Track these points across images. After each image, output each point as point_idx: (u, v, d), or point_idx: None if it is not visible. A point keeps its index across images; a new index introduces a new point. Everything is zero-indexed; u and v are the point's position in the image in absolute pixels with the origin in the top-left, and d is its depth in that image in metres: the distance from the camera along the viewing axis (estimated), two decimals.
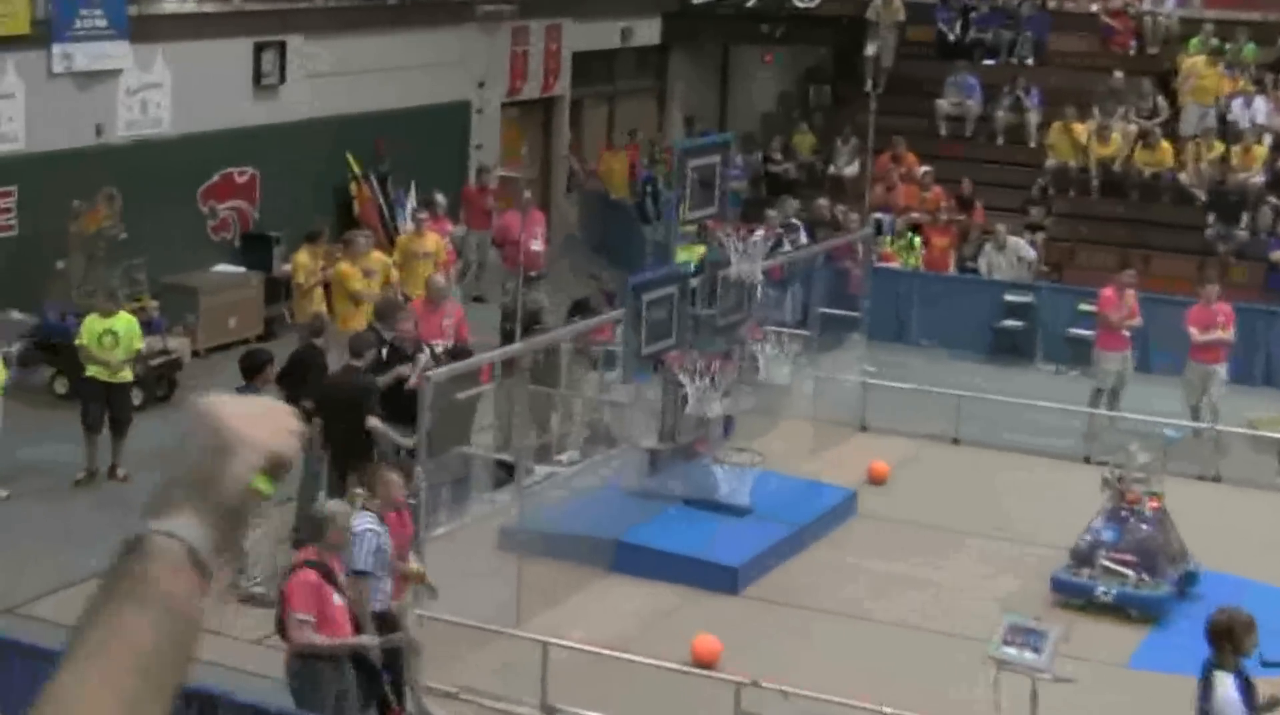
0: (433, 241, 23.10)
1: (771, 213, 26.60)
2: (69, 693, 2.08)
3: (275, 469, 2.31)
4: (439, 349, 18.05)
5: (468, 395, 17.94)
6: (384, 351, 17.20)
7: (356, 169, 26.33)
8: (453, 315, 19.24)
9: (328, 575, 11.77)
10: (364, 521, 12.69)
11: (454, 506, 16.97)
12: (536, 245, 25.24)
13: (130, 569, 2.17)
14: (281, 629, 11.98)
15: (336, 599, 11.79)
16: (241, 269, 24.40)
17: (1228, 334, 21.24)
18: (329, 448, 16.18)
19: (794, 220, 26.92)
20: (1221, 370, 21.19)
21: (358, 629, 12.11)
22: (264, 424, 2.31)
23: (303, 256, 21.88)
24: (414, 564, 13.50)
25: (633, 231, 28.63)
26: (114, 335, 18.52)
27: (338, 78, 25.92)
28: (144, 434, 18.76)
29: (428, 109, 27.96)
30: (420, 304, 19.48)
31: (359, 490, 14.24)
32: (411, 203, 25.85)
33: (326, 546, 11.90)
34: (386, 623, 12.68)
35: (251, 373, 16.22)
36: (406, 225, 25.05)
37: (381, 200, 26.39)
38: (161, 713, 2.13)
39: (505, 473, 17.31)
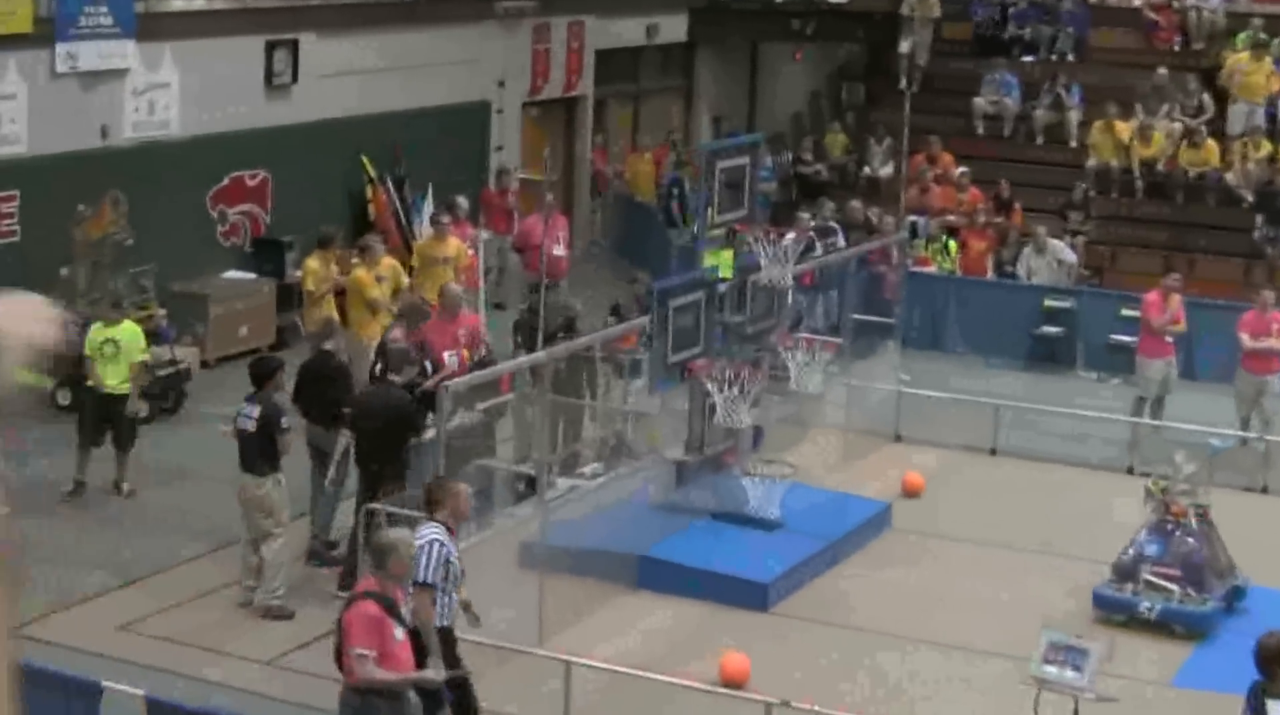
0: (453, 246, 23.10)
1: (805, 215, 26.62)
2: None
3: (39, 361, 2.36)
4: (452, 359, 18.06)
5: (487, 406, 17.96)
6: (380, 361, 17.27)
7: (372, 172, 26.37)
8: (468, 324, 19.22)
9: (390, 608, 11.62)
10: (430, 532, 12.54)
11: (473, 521, 16.95)
12: (559, 250, 25.20)
13: None
14: (339, 661, 11.90)
15: (399, 633, 11.64)
16: (252, 276, 24.44)
17: None
18: (361, 465, 16.23)
19: (831, 223, 26.92)
20: (1276, 381, 21.12)
21: (419, 655, 12.02)
22: (22, 319, 2.37)
23: (313, 262, 21.88)
24: (461, 590, 13.43)
25: (658, 235, 28.67)
26: (115, 344, 18.55)
27: (352, 77, 25.97)
28: (151, 448, 18.81)
29: (446, 109, 28.01)
30: (434, 319, 19.48)
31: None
32: (429, 206, 25.87)
33: (389, 577, 11.80)
34: (447, 640, 12.65)
35: (262, 379, 16.27)
36: (424, 230, 25.07)
37: (398, 204, 26.43)
38: None
39: (526, 486, 17.30)
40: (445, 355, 18.21)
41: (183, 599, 16.04)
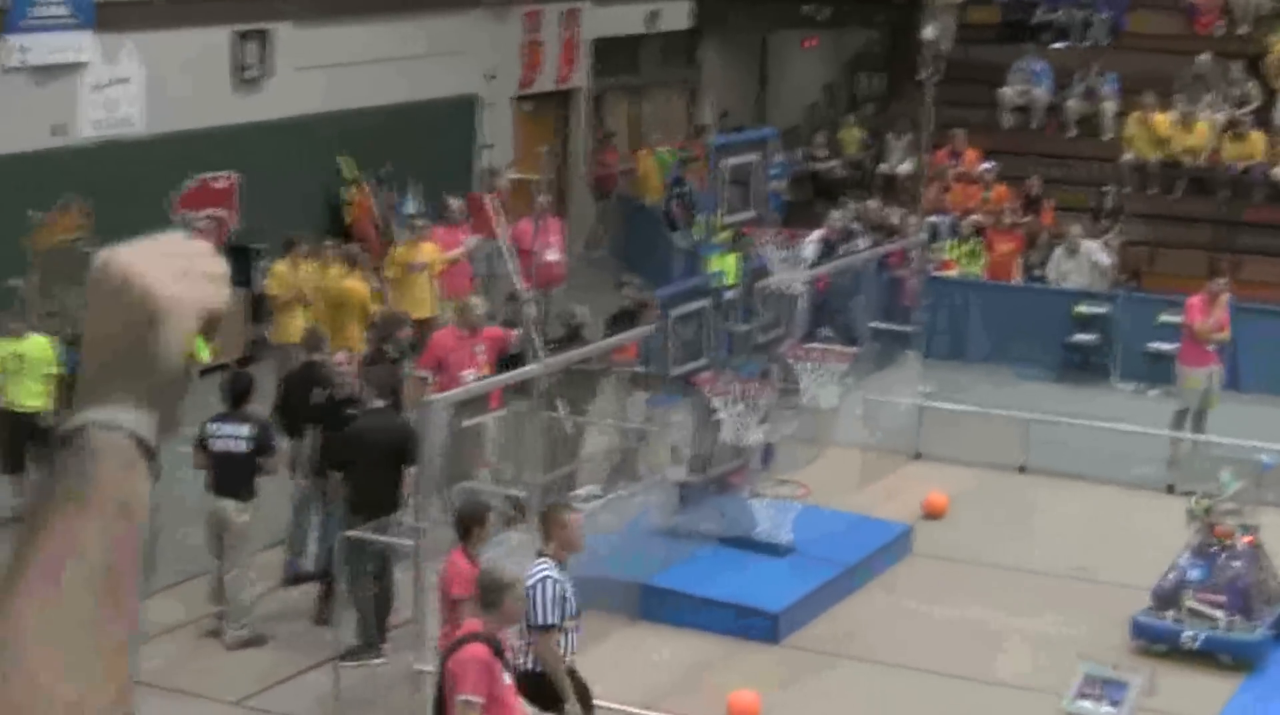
0: (428, 252, 23.15)
1: (836, 212, 26.71)
2: (18, 625, 2.02)
3: (211, 328, 2.24)
4: (470, 378, 18.02)
5: (474, 422, 17.95)
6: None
7: (351, 173, 26.35)
8: (491, 338, 19.11)
9: (498, 651, 11.74)
10: (541, 569, 12.66)
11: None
12: (553, 255, 25.22)
13: (71, 470, 2.12)
14: (440, 710, 11.93)
15: (507, 677, 11.76)
16: None
17: None
18: (353, 498, 16.18)
19: (853, 225, 26.92)
20: None
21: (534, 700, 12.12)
22: (189, 277, 2.24)
23: (280, 267, 22.00)
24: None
25: (660, 238, 28.64)
26: (20, 359, 18.45)
27: (329, 70, 25.94)
28: None
29: (431, 104, 28.00)
30: (450, 329, 19.46)
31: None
32: (413, 209, 25.82)
33: (501, 617, 11.86)
34: (572, 679, 12.71)
35: (242, 396, 16.30)
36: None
37: (378, 207, 26.39)
38: (125, 629, 2.08)
39: (515, 510, 17.27)
40: (463, 374, 18.17)
41: (145, 637, 15.98)
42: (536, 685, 12.55)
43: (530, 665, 12.64)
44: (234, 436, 15.99)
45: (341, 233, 25.30)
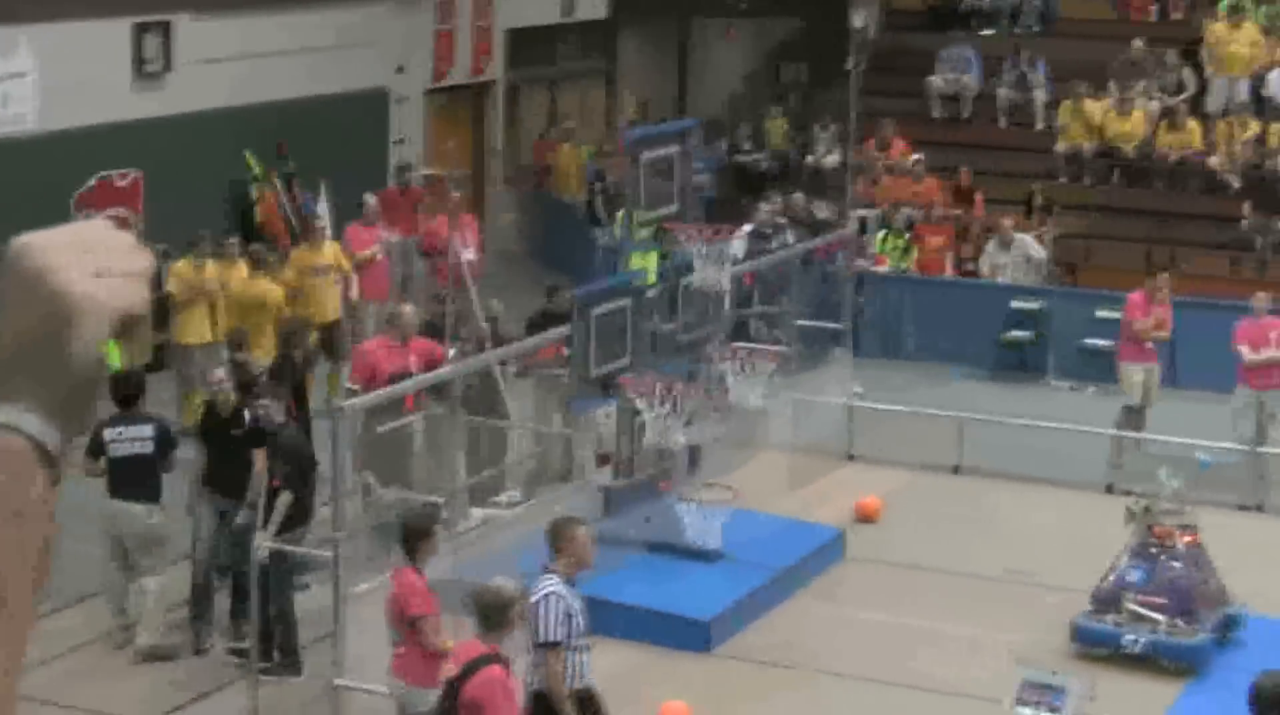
0: (330, 253, 23.21)
1: (762, 206, 26.84)
2: None
3: (127, 331, 2.22)
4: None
5: (389, 428, 17.99)
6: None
7: (257, 169, 26.30)
8: (424, 351, 19.06)
9: (509, 669, 11.82)
10: (547, 585, 12.61)
11: (377, 559, 16.96)
12: (469, 254, 25.22)
13: None
14: None
15: (517, 695, 11.89)
16: None
17: None
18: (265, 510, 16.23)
19: (779, 220, 27.04)
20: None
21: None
22: (106, 276, 2.18)
23: (180, 266, 22.01)
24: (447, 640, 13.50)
25: (581, 235, 28.69)
26: None
27: (233, 63, 25.89)
28: None
29: (340, 98, 27.95)
30: (380, 340, 19.44)
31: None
32: (324, 207, 25.77)
33: (502, 637, 11.89)
34: (585, 705, 12.71)
35: (134, 397, 16.28)
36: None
37: (288, 205, 26.35)
38: (16, 639, 2.07)
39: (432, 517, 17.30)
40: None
41: (47, 655, 15.86)
42: (546, 708, 12.53)
43: (538, 686, 12.58)
44: (137, 438, 15.96)
45: (252, 231, 25.22)
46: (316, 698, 15.24)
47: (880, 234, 27.91)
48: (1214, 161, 28.87)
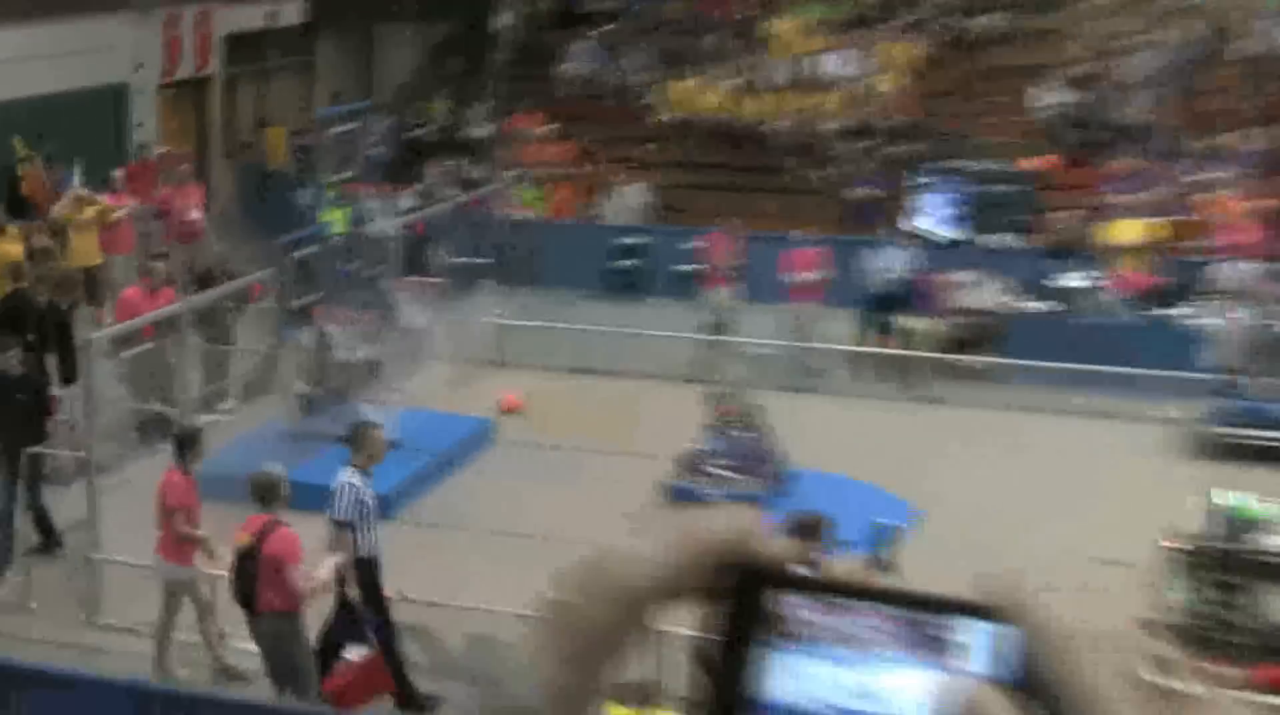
0: (92, 212, 22.82)
1: (431, 169, 26.90)
2: None
3: None
4: None
5: (132, 353, 17.85)
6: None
7: (23, 151, 25.67)
8: (166, 300, 18.90)
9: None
10: (345, 475, 12.71)
11: (124, 459, 16.88)
12: (195, 213, 25.04)
13: None
14: (247, 589, 12.09)
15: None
16: None
17: (819, 274, 22.07)
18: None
19: (443, 179, 27.14)
20: (815, 306, 22.00)
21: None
22: None
23: None
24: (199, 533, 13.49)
25: (286, 198, 28.48)
26: None
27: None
28: None
29: (89, 91, 27.31)
30: (136, 289, 19.25)
31: None
32: (78, 179, 25.24)
33: (276, 508, 12.22)
34: (369, 570, 12.84)
35: None
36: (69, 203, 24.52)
37: (49, 180, 25.78)
38: None
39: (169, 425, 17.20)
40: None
41: None
42: (369, 570, 12.79)
43: (367, 552, 12.78)
44: None
45: (19, 202, 24.68)
46: (77, 570, 15.11)
47: (522, 188, 28.11)
48: (765, 128, 29.40)
